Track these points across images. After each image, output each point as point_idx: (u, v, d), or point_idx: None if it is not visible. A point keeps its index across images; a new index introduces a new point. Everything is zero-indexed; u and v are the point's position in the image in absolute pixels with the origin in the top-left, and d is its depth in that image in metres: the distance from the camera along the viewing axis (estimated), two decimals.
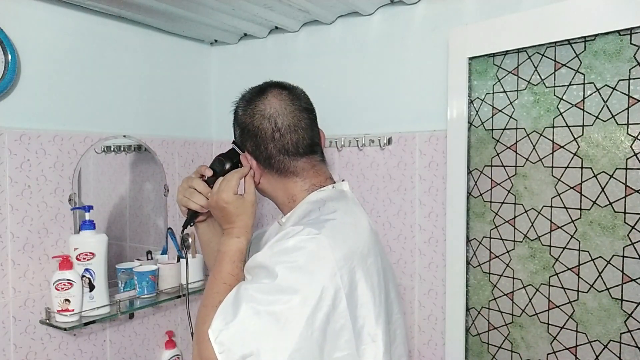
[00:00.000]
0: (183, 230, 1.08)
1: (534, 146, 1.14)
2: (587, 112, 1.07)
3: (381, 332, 0.85)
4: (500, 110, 1.20)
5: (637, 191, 1.01)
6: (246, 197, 0.97)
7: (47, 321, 1.23)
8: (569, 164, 1.09)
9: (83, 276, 1.23)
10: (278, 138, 0.93)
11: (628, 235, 1.02)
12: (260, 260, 0.86)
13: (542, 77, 1.13)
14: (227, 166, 1.04)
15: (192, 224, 1.09)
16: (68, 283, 1.20)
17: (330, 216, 0.87)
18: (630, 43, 1.01)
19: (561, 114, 1.10)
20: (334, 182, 0.99)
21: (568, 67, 1.09)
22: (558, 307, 1.12)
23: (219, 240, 1.04)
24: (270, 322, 0.78)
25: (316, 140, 0.98)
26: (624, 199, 1.03)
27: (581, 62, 1.07)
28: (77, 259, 1.24)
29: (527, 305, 1.17)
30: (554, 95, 1.11)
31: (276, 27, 1.57)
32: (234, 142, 1.03)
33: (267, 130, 0.93)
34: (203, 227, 1.11)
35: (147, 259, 1.49)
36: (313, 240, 0.82)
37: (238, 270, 0.92)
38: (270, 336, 0.77)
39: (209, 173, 1.03)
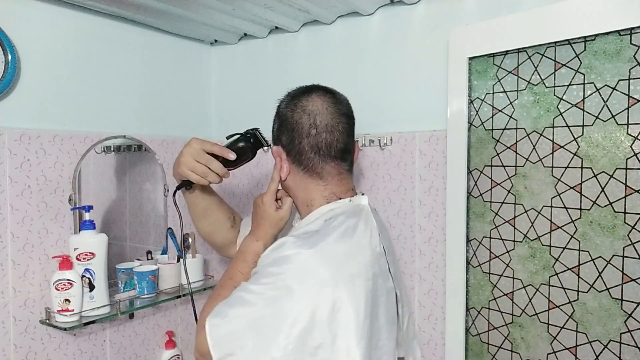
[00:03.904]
0: (174, 194, 1.10)
1: (534, 146, 1.14)
2: (587, 112, 1.07)
3: (361, 355, 0.83)
4: (500, 110, 1.20)
5: (637, 191, 1.01)
6: (279, 211, 1.01)
7: (47, 321, 1.23)
8: (569, 164, 1.09)
9: (83, 276, 1.23)
10: (314, 135, 0.94)
11: (628, 235, 1.02)
12: (259, 265, 0.90)
13: (542, 77, 1.13)
14: (249, 157, 1.08)
15: (187, 188, 1.11)
16: (68, 283, 1.20)
17: (328, 233, 0.88)
18: (630, 43, 1.01)
19: (561, 114, 1.10)
20: (354, 195, 1.00)
21: (568, 67, 1.09)
22: (558, 307, 1.12)
23: (205, 201, 1.15)
24: (251, 327, 0.82)
25: (349, 148, 1.00)
26: (624, 199, 1.03)
27: (581, 62, 1.07)
28: (77, 259, 1.24)
29: (527, 305, 1.17)
30: (554, 95, 1.11)
31: (276, 27, 1.57)
32: (256, 130, 1.07)
33: (305, 125, 0.95)
34: (195, 192, 1.15)
35: (147, 259, 1.49)
36: (301, 256, 0.84)
37: (248, 270, 0.95)
38: (250, 341, 0.81)
39: (232, 158, 1.05)
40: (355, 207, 0.97)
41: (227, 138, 1.09)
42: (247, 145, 1.06)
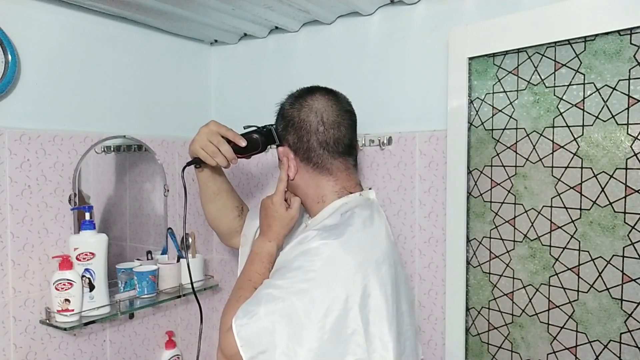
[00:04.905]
0: (184, 169, 1.12)
1: (534, 146, 1.14)
2: (587, 112, 1.07)
3: (393, 340, 0.86)
4: (500, 110, 1.19)
5: (637, 191, 1.01)
6: (289, 211, 1.03)
7: (47, 321, 1.23)
8: (569, 164, 1.09)
9: (83, 276, 1.23)
10: (322, 131, 0.97)
11: (628, 235, 1.02)
12: (281, 261, 0.92)
13: (542, 77, 1.13)
14: (259, 148, 1.09)
15: (196, 166, 1.13)
16: (68, 283, 1.20)
17: (350, 223, 0.91)
18: (630, 43, 1.01)
19: (561, 114, 1.10)
20: (362, 189, 1.03)
21: (568, 67, 1.09)
22: (558, 307, 1.12)
23: (216, 185, 1.16)
24: (284, 322, 0.82)
25: (354, 143, 1.03)
26: (624, 199, 1.03)
27: (581, 62, 1.07)
28: (77, 259, 1.24)
29: (527, 305, 1.17)
30: (554, 95, 1.11)
31: (276, 27, 1.57)
32: (272, 126, 1.07)
33: (313, 122, 0.98)
34: (206, 172, 1.16)
35: (147, 259, 1.49)
36: (329, 246, 0.86)
37: (265, 270, 0.97)
38: (284, 336, 0.82)
39: (242, 144, 1.07)
40: (366, 200, 1.00)
41: (245, 128, 1.12)
42: (260, 138, 1.08)
